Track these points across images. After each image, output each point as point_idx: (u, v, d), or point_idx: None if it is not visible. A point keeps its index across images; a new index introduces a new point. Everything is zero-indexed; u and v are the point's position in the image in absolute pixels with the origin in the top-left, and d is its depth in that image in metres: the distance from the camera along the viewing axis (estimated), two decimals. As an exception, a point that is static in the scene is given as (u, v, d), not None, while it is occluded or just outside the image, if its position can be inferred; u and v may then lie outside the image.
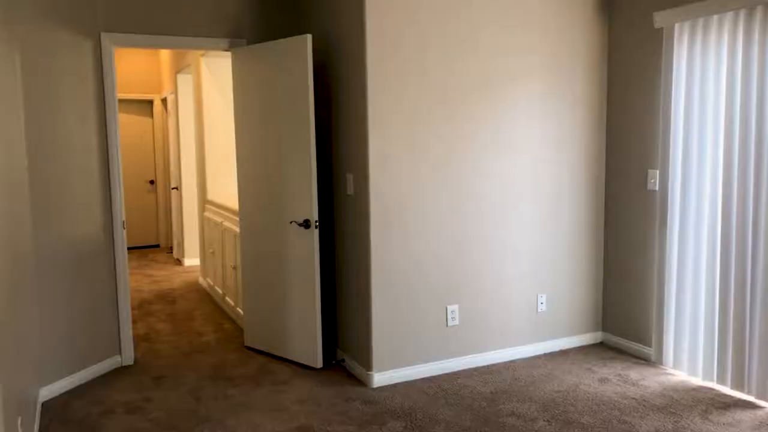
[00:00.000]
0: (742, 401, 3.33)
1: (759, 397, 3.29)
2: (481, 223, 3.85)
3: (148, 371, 3.97)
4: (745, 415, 3.16)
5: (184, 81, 7.12)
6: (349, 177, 3.73)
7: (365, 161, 3.53)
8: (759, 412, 3.19)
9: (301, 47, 3.72)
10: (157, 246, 8.87)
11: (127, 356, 4.08)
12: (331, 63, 3.89)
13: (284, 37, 4.38)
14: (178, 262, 7.69)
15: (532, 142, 3.96)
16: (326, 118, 4.03)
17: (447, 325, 3.81)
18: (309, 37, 3.68)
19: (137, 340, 4.61)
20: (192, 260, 7.39)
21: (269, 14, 4.34)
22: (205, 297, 5.91)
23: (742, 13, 3.22)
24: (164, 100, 8.40)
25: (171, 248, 8.60)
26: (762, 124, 3.18)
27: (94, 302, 3.87)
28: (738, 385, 3.39)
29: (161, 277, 6.86)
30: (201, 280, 6.42)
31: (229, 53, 5.74)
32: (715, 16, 3.38)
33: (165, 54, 7.88)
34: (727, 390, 3.46)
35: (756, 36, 3.17)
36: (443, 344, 3.81)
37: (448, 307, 3.80)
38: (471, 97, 3.74)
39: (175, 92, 7.21)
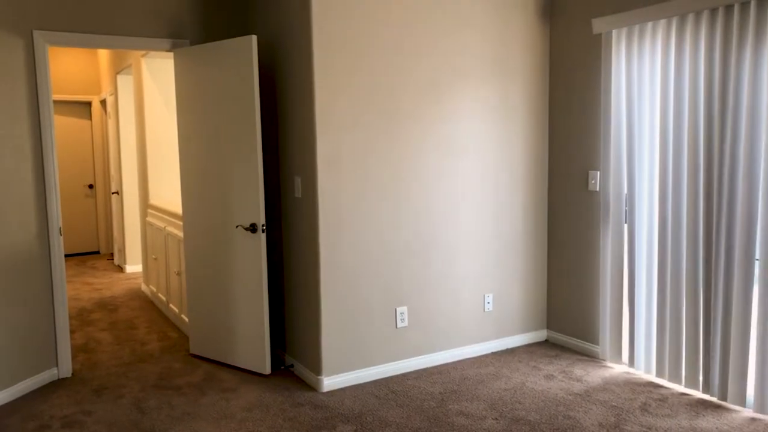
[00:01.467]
0: (679, 392, 3.46)
1: (689, 385, 3.44)
2: (429, 225, 3.88)
3: (87, 383, 3.81)
4: (682, 406, 3.29)
5: (125, 82, 6.90)
6: (297, 179, 3.69)
7: (313, 163, 3.50)
8: (695, 402, 3.33)
9: (245, 48, 3.66)
10: (97, 252, 8.57)
11: (65, 368, 3.91)
12: (278, 64, 3.84)
13: (229, 37, 4.30)
14: (120, 269, 7.44)
15: (476, 143, 4.02)
16: (273, 119, 3.98)
17: (396, 327, 3.82)
18: (254, 37, 3.62)
19: (75, 350, 4.43)
20: (134, 267, 7.17)
21: (213, 14, 4.25)
22: (148, 305, 5.74)
23: (675, 21, 3.37)
24: (103, 102, 8.13)
25: (112, 255, 8.32)
26: (696, 125, 3.32)
27: (28, 312, 3.69)
28: (675, 377, 3.53)
29: (101, 284, 6.62)
30: (144, 287, 6.23)
31: (171, 54, 5.61)
32: (650, 23, 3.52)
33: (104, 54, 7.63)
34: (665, 382, 3.60)
35: (687, 41, 3.31)
36: (393, 346, 3.82)
37: (398, 308, 3.81)
38: (416, 99, 3.77)
39: (115, 93, 6.99)
